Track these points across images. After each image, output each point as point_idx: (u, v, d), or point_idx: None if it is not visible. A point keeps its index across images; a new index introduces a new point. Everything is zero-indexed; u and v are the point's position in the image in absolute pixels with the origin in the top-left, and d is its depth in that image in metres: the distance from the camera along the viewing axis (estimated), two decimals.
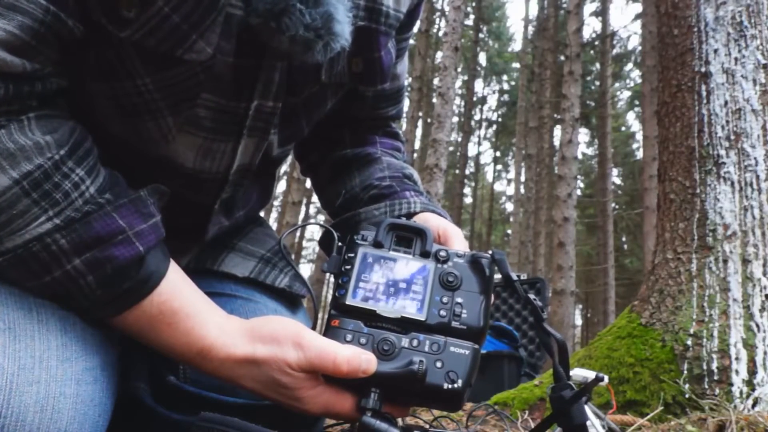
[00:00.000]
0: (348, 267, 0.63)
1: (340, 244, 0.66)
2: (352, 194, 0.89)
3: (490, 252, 0.66)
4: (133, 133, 0.66)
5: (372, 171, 0.90)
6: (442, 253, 0.64)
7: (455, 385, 0.58)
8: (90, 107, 0.65)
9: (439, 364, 0.59)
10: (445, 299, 0.62)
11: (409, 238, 0.65)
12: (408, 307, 0.61)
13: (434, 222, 0.79)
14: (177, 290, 0.59)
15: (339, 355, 0.56)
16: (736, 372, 1.42)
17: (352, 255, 0.64)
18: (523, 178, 16.66)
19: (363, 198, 0.87)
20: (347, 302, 0.61)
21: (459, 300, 0.62)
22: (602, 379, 0.58)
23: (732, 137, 1.72)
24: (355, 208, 0.86)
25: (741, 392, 1.39)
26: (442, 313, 0.61)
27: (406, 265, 0.64)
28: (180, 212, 0.73)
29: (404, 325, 0.61)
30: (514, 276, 0.65)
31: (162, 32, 0.58)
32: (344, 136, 0.95)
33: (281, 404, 0.60)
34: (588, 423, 0.83)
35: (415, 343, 0.60)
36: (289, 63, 0.68)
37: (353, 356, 0.56)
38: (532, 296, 0.63)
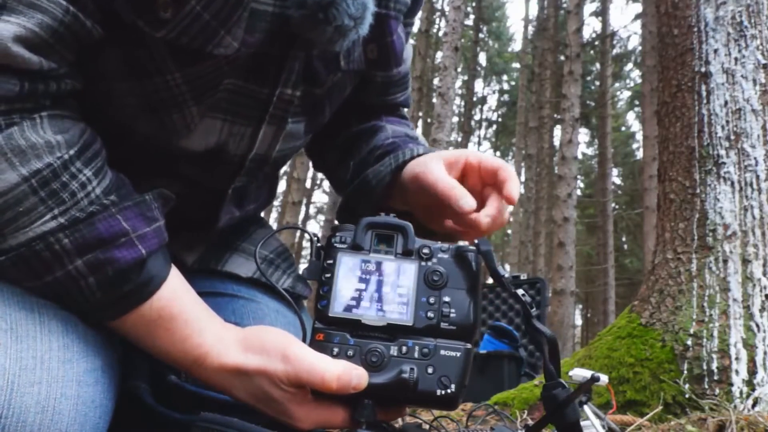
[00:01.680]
0: (328, 275, 0.60)
1: (319, 244, 0.63)
2: (361, 161, 0.87)
3: (476, 242, 0.62)
4: (157, 126, 0.67)
5: (377, 137, 0.89)
6: (425, 250, 0.61)
7: (448, 391, 0.57)
8: (108, 107, 0.66)
9: (430, 370, 0.57)
10: (431, 300, 0.59)
11: (390, 235, 0.62)
12: (394, 313, 0.59)
13: (431, 159, 0.74)
14: (176, 296, 0.59)
15: (328, 373, 0.55)
16: (736, 372, 1.42)
17: (331, 262, 0.61)
18: (523, 178, 16.66)
19: (370, 161, 0.85)
20: (330, 314, 0.59)
21: (446, 299, 0.59)
22: (598, 379, 0.57)
23: (732, 137, 1.72)
24: (363, 172, 0.85)
25: (741, 392, 1.39)
26: (430, 314, 0.59)
27: (388, 267, 0.61)
28: (194, 200, 0.73)
29: (391, 331, 0.59)
30: (502, 271, 0.61)
31: (194, 30, 0.60)
32: (351, 122, 0.94)
33: (273, 418, 0.60)
34: (588, 423, 0.83)
35: (404, 350, 0.58)
36: (308, 53, 0.70)
37: (343, 373, 0.55)
38: (520, 292, 0.60)
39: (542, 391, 0.57)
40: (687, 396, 1.41)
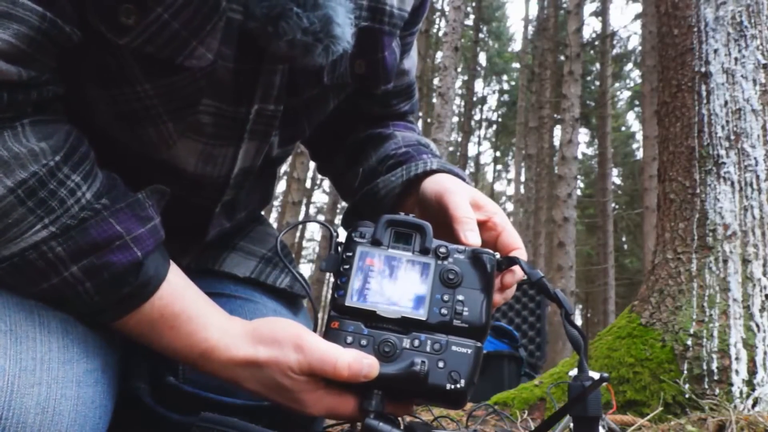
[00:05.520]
0: (346, 267, 0.62)
1: (338, 240, 0.65)
2: (370, 170, 0.86)
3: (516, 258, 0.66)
4: (133, 137, 0.66)
5: (387, 145, 0.87)
6: (442, 249, 0.63)
7: (458, 386, 0.58)
8: (90, 112, 0.65)
9: (441, 364, 0.58)
10: (446, 297, 0.61)
11: (408, 234, 0.64)
12: (408, 307, 0.60)
13: (462, 188, 0.73)
14: (178, 293, 0.58)
15: (340, 360, 0.55)
16: (736, 372, 1.42)
17: (351, 254, 0.62)
18: (523, 178, 16.67)
19: (381, 170, 0.84)
20: (347, 303, 0.60)
21: (460, 297, 0.61)
22: (607, 379, 0.58)
23: (732, 137, 1.72)
24: (373, 181, 0.84)
25: (741, 392, 1.39)
26: (444, 311, 0.60)
27: (405, 263, 0.62)
28: (181, 214, 0.72)
29: (405, 324, 0.60)
30: (537, 274, 0.65)
31: (161, 39, 0.57)
32: (358, 127, 0.93)
33: (283, 406, 0.60)
34: None
35: (416, 343, 0.59)
36: (290, 66, 0.67)
37: (354, 361, 0.56)
38: (559, 294, 0.63)
39: (572, 380, 0.59)
40: (687, 396, 1.41)
